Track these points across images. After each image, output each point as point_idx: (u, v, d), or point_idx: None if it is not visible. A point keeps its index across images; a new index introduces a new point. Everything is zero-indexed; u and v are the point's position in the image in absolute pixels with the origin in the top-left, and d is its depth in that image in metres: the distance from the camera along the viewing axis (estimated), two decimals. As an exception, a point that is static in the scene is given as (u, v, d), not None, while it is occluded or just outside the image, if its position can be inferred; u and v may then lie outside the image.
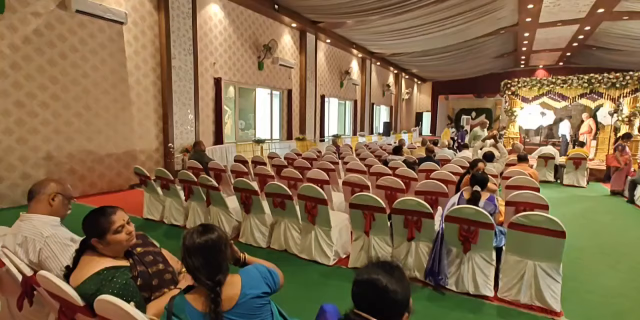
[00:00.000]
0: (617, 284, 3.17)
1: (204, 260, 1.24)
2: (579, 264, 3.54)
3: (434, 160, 5.82)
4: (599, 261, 3.69)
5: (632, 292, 3.02)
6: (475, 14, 9.62)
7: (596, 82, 8.98)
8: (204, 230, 1.31)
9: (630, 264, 3.60)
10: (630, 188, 6.16)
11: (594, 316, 2.63)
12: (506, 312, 2.69)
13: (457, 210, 2.90)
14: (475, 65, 16.64)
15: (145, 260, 1.51)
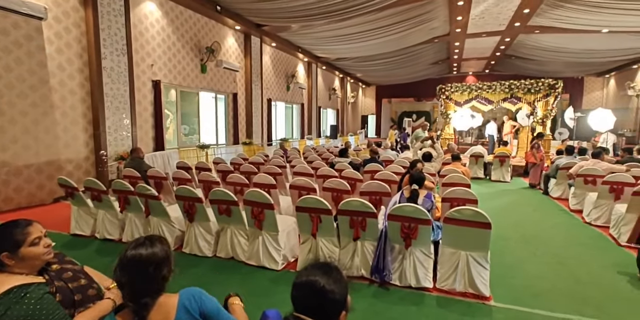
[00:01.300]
0: (536, 268, 3.56)
1: (132, 276, 1.14)
2: (504, 252, 3.92)
3: (378, 162, 6.08)
4: (521, 248, 4.12)
5: (549, 275, 3.42)
6: (412, 23, 10.26)
7: (515, 87, 10.06)
8: (145, 242, 1.21)
9: (547, 250, 4.07)
10: (545, 181, 6.99)
11: (518, 298, 2.93)
12: (444, 302, 2.89)
13: (398, 209, 3.06)
14: (414, 71, 17.69)
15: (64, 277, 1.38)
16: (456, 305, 2.83)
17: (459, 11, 9.61)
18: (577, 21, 9.79)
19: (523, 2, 8.96)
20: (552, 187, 6.79)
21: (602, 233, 4.64)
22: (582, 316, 2.65)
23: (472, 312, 2.73)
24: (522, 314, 2.71)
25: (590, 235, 4.61)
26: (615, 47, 11.93)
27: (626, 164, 5.78)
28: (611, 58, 13.79)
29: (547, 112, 9.88)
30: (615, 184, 4.74)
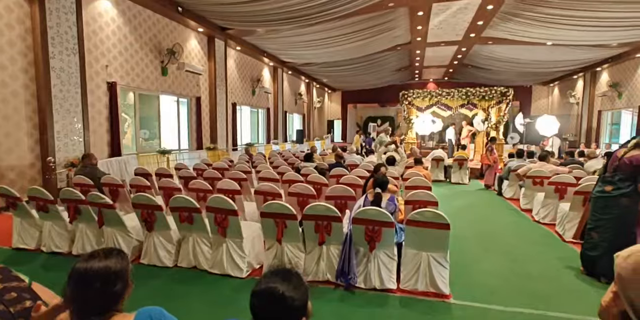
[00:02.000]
0: (491, 266, 3.76)
1: (81, 292, 1.05)
2: (463, 251, 4.10)
3: (344, 166, 6.15)
4: (478, 247, 4.34)
5: (503, 271, 3.62)
6: (375, 31, 10.56)
7: (471, 95, 10.64)
8: (98, 255, 1.11)
9: (501, 248, 4.31)
10: (498, 183, 7.42)
11: (475, 295, 3.07)
12: (407, 302, 2.96)
13: (363, 212, 3.11)
14: (378, 77, 18.18)
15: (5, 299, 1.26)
16: (418, 305, 2.91)
17: (419, 21, 10.03)
18: (525, 34, 10.57)
19: (477, 14, 9.53)
20: (505, 188, 7.22)
21: (549, 230, 4.99)
22: (532, 309, 2.82)
23: (433, 311, 2.82)
24: (479, 310, 2.84)
25: (539, 233, 4.94)
26: (558, 58, 12.98)
27: (569, 166, 6.29)
28: (555, 69, 15.00)
29: (500, 117, 10.54)
30: (560, 184, 5.13)
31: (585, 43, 10.89)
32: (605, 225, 3.30)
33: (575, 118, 16.19)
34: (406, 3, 8.67)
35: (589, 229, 3.46)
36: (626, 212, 3.17)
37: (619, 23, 8.94)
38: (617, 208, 3.23)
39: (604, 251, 3.25)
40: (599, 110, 14.48)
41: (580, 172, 5.95)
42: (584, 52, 11.99)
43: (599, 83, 14.65)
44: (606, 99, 13.92)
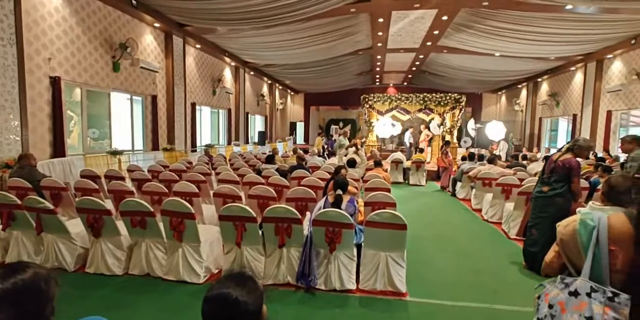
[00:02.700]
0: (445, 263, 3.95)
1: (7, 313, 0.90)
2: (419, 250, 4.26)
3: (305, 168, 6.16)
4: (433, 246, 4.54)
5: (455, 268, 3.81)
6: (337, 35, 10.73)
7: (428, 100, 11.14)
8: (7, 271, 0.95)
9: (454, 246, 4.54)
10: (452, 184, 7.82)
11: (430, 292, 3.20)
12: (366, 301, 3.03)
13: (323, 214, 3.14)
14: (340, 80, 18.46)
15: None
16: (377, 304, 2.98)
17: (379, 27, 10.34)
18: (475, 44, 11.27)
19: (433, 24, 10.02)
20: (459, 190, 7.63)
21: (496, 228, 5.34)
22: (480, 303, 3.00)
23: (391, 309, 2.90)
24: (433, 306, 2.97)
25: (487, 231, 5.27)
26: (504, 69, 13.99)
27: (513, 168, 6.79)
28: (502, 78, 16.15)
29: (454, 122, 11.13)
30: (505, 185, 5.51)
31: (528, 55, 11.84)
32: (543, 222, 3.59)
33: (520, 124, 17.52)
34: (367, 9, 8.90)
35: (530, 226, 3.76)
36: (561, 210, 3.47)
37: (556, 38, 9.84)
38: (553, 207, 3.53)
39: (543, 247, 3.53)
40: (540, 117, 15.79)
41: (524, 174, 6.43)
42: (526, 64, 13.03)
43: (539, 92, 15.98)
44: (546, 107, 15.21)
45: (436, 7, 8.63)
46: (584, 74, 12.32)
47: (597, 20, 8.53)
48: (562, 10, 7.97)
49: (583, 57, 11.87)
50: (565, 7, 7.73)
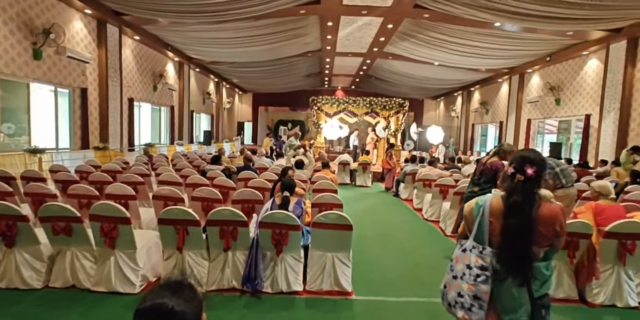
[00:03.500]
0: (389, 261, 4.11)
1: None
2: (364, 249, 4.40)
3: (253, 169, 6.04)
4: (378, 245, 4.70)
5: (398, 265, 3.99)
6: (287, 35, 10.70)
7: (374, 104, 11.58)
8: None
9: (397, 244, 4.75)
10: (396, 185, 8.21)
11: (374, 289, 3.32)
12: (313, 302, 3.04)
13: (270, 216, 3.09)
14: (289, 81, 18.43)
15: None
16: (323, 304, 3.01)
17: (328, 31, 10.52)
18: (418, 53, 11.97)
19: (379, 31, 10.44)
20: (402, 190, 8.02)
21: (434, 226, 5.70)
22: (420, 297, 3.17)
23: (336, 309, 2.95)
24: (377, 303, 3.08)
25: (427, 229, 5.61)
26: (443, 77, 15.05)
27: (450, 170, 7.31)
28: (440, 86, 17.35)
29: (398, 126, 11.70)
30: (443, 186, 5.91)
31: (462, 66, 12.86)
32: (474, 220, 3.90)
33: (456, 129, 18.97)
34: (317, 12, 9.01)
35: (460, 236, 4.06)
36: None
37: (486, 52, 10.82)
38: (483, 206, 3.86)
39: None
40: (473, 124, 17.24)
41: (458, 175, 6.96)
42: (461, 74, 14.15)
43: (472, 101, 17.45)
44: (477, 114, 16.65)
45: (382, 15, 9.02)
46: (509, 86, 13.70)
47: (520, 38, 9.55)
48: (492, 27, 8.79)
49: (508, 71, 13.21)
50: (494, 24, 8.54)
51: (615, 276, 3.06)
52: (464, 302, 1.62)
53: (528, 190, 1.61)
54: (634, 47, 8.34)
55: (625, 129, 8.54)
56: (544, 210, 1.60)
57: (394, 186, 8.44)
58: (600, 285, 3.07)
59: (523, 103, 12.88)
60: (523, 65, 12.29)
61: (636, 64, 8.36)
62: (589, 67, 9.91)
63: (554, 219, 1.60)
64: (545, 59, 11.00)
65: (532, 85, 12.50)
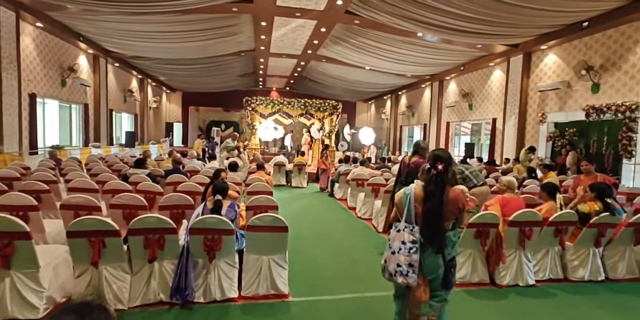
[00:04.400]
0: (324, 260, 4.18)
1: None
2: (300, 250, 4.41)
3: (182, 172, 5.68)
4: (314, 245, 4.75)
5: (333, 263, 4.08)
6: (218, 33, 10.30)
7: (309, 105, 11.72)
8: None
9: (332, 243, 4.85)
10: (331, 185, 8.40)
11: (310, 289, 3.34)
12: (249, 308, 2.95)
13: (201, 221, 2.93)
14: (222, 81, 17.77)
15: None
16: (260, 309, 2.94)
17: (262, 31, 10.37)
18: (350, 57, 12.43)
19: (313, 34, 10.61)
20: (336, 190, 8.23)
21: (367, 224, 5.95)
22: (354, 293, 3.28)
23: (273, 312, 2.90)
24: (313, 302, 3.10)
25: (360, 227, 5.83)
26: (373, 81, 15.85)
27: (381, 170, 7.71)
28: (371, 89, 18.25)
29: (332, 127, 12.01)
30: (374, 185, 6.20)
31: (390, 71, 13.70)
32: (403, 217, 4.18)
33: (386, 131, 20.10)
34: (250, 11, 8.83)
35: (393, 221, 4.31)
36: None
37: (411, 59, 11.68)
38: (409, 204, 4.16)
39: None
40: (400, 126, 18.45)
41: (388, 174, 7.37)
42: (390, 79, 15.06)
43: (400, 104, 18.67)
44: (405, 117, 17.86)
45: (315, 18, 9.18)
46: (430, 91, 14.95)
47: (439, 48, 10.48)
48: (415, 37, 9.51)
49: (430, 77, 14.42)
50: (417, 34, 9.24)
51: (517, 259, 3.51)
52: (402, 270, 2.03)
53: (439, 181, 2.07)
54: (528, 60, 9.70)
55: (523, 131, 9.89)
56: (451, 194, 2.09)
57: (328, 186, 8.63)
58: (506, 268, 3.49)
59: (443, 107, 14.16)
60: (442, 73, 13.51)
61: (530, 75, 9.73)
62: (495, 76, 11.26)
63: (457, 200, 2.09)
64: (460, 68, 12.24)
65: (450, 92, 13.80)
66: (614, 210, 3.58)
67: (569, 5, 6.78)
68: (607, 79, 7.62)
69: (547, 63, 9.20)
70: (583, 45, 8.21)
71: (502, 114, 10.55)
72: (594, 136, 7.81)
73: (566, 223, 3.60)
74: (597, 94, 7.80)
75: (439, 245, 2.04)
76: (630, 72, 7.17)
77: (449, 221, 2.11)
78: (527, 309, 3.08)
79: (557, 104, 8.84)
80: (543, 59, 9.32)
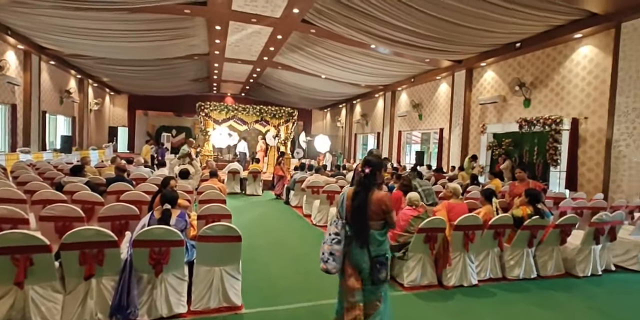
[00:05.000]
0: (280, 269, 4.11)
1: None
2: (255, 259, 4.30)
3: (127, 180, 5.30)
4: (268, 254, 4.66)
5: (289, 273, 4.02)
6: (169, 35, 9.88)
7: (264, 112, 11.63)
8: None
9: (288, 252, 4.80)
10: (286, 193, 8.34)
11: (264, 300, 3.25)
12: (198, 323, 2.80)
13: (147, 233, 2.75)
14: (174, 85, 17.01)
15: None
16: (210, 324, 2.80)
17: (217, 35, 10.14)
18: (306, 65, 12.57)
19: (269, 41, 10.58)
20: (292, 197, 8.18)
21: (323, 231, 5.96)
22: (309, 302, 3.25)
23: (225, 326, 2.78)
24: (267, 313, 3.03)
25: (315, 234, 5.83)
26: (329, 90, 16.15)
27: (336, 177, 7.82)
28: (327, 98, 18.57)
29: (288, 135, 11.99)
30: (329, 192, 6.27)
31: (346, 81, 14.07)
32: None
33: (341, 138, 20.50)
34: (204, 14, 8.60)
35: None
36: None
37: (365, 70, 12.10)
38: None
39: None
40: (355, 134, 18.93)
41: (343, 181, 7.49)
42: (345, 88, 15.45)
43: (355, 113, 19.18)
44: (359, 125, 18.37)
45: (272, 25, 9.18)
46: (384, 101, 15.56)
47: (391, 60, 10.98)
48: (369, 48, 9.88)
49: (383, 88, 15.02)
50: (371, 46, 9.61)
51: (462, 261, 3.72)
52: (324, 258, 2.32)
53: (366, 183, 2.33)
54: (470, 76, 10.51)
55: (467, 140, 10.63)
56: (375, 196, 2.30)
57: (284, 193, 8.56)
58: (452, 270, 3.69)
59: (395, 117, 14.79)
60: (394, 84, 14.15)
61: (472, 89, 10.53)
62: (442, 89, 12.03)
63: (380, 201, 2.29)
64: (411, 80, 12.91)
65: (402, 102, 14.47)
66: (543, 213, 3.94)
67: (504, 27, 7.48)
68: (537, 95, 8.48)
69: (487, 78, 10.03)
70: (516, 64, 9.08)
71: (449, 124, 11.26)
72: (526, 146, 8.61)
73: (504, 226, 3.90)
74: (529, 108, 8.64)
75: (362, 240, 2.28)
76: (555, 89, 8.05)
77: (375, 221, 2.31)
78: (470, 309, 3.26)
79: (495, 116, 9.64)
80: (483, 74, 10.15)
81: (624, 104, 6.53)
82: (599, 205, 5.55)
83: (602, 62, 7.08)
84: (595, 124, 7.18)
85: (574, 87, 7.64)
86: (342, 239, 2.31)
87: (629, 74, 6.46)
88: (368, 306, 2.32)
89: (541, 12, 6.66)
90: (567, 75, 7.79)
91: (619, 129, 6.60)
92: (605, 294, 3.72)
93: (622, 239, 4.46)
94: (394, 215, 2.38)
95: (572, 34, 7.36)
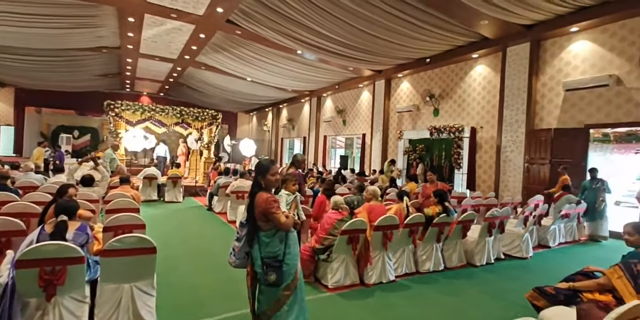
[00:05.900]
0: (201, 279, 3.87)
1: None
2: (172, 271, 3.98)
3: (10, 189, 4.49)
4: (188, 263, 4.36)
5: (211, 282, 3.81)
6: (73, 23, 8.73)
7: (185, 114, 10.93)
8: None
9: (209, 260, 4.54)
10: (209, 199, 7.94)
11: (183, 313, 3.03)
12: (102, 350, 2.48)
13: (35, 251, 2.34)
14: (76, 79, 15.00)
15: None
16: (117, 349, 2.50)
17: (130, 27, 9.26)
18: (231, 67, 12.19)
19: (191, 39, 10.02)
20: (215, 203, 7.81)
21: (249, 237, 5.81)
22: (235, 311, 3.12)
23: (135, 349, 2.51)
24: (186, 329, 2.81)
25: (241, 241, 5.64)
26: (255, 93, 15.89)
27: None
28: (253, 101, 18.25)
29: (211, 138, 11.44)
30: (256, 197, 6.13)
31: (272, 84, 14.01)
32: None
33: (268, 142, 20.31)
34: (113, 3, 7.79)
35: None
36: (295, 214, 4.24)
37: (291, 74, 12.22)
38: (290, 212, 4.27)
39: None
40: (282, 138, 18.93)
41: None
42: (271, 92, 15.38)
43: (281, 117, 19.20)
44: (285, 130, 18.42)
45: (194, 23, 8.72)
46: (309, 106, 15.88)
47: (317, 66, 11.28)
48: (296, 53, 10.00)
49: (309, 93, 15.33)
50: (297, 51, 9.74)
51: (381, 259, 3.95)
52: (230, 251, 2.61)
53: (254, 184, 2.47)
54: (389, 85, 11.33)
55: (386, 146, 11.41)
56: (259, 198, 2.38)
57: (207, 200, 8.13)
58: (373, 269, 3.89)
59: (320, 122, 15.18)
60: (320, 90, 14.54)
61: (391, 98, 11.36)
62: (364, 97, 12.74)
63: (260, 204, 2.35)
64: (335, 86, 13.42)
65: (327, 107, 14.94)
66: (449, 211, 4.41)
67: (415, 43, 8.26)
68: (444, 105, 9.51)
69: (403, 89, 10.92)
70: (427, 77, 10.08)
71: (370, 130, 11.96)
72: (436, 151, 9.58)
73: (417, 224, 4.26)
74: (437, 117, 9.64)
75: (249, 239, 2.44)
76: (458, 101, 9.13)
77: (262, 222, 2.38)
78: (389, 303, 3.47)
79: (410, 124, 10.54)
80: (400, 85, 11.03)
81: (509, 116, 7.70)
82: (491, 203, 6.42)
83: (493, 79, 8.28)
84: (488, 133, 8.32)
85: (473, 100, 8.76)
86: (241, 237, 2.49)
87: (512, 91, 7.65)
88: (268, 307, 2.44)
89: (445, 32, 7.53)
90: (467, 89, 8.91)
91: (505, 137, 7.75)
92: (496, 279, 4.29)
93: (508, 231, 5.20)
94: (280, 218, 2.32)
95: (470, 54, 8.47)
